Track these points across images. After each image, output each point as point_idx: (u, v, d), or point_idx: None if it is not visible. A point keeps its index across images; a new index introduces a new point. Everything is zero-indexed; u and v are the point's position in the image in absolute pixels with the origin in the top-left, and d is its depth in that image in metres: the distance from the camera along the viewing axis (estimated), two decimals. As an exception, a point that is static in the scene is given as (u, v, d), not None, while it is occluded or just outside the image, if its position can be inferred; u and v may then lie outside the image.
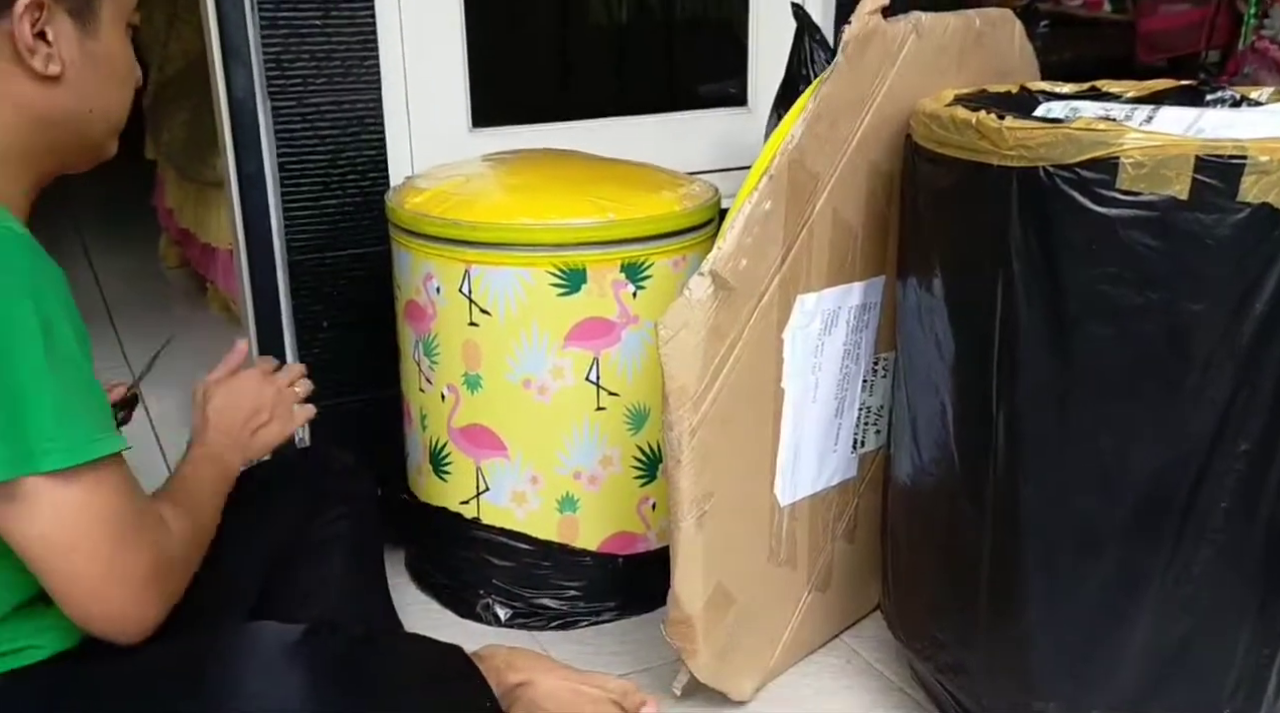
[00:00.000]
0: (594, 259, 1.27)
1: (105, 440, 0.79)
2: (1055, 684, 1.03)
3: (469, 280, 1.29)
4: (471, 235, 1.27)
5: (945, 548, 1.12)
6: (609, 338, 1.30)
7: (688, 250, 1.33)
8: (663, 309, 1.05)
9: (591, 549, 1.38)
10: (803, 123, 1.07)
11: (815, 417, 1.23)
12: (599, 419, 1.32)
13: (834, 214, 1.14)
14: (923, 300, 1.08)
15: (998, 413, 1.00)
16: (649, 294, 1.30)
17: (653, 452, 1.36)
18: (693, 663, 1.18)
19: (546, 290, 1.27)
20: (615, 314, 1.29)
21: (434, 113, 1.64)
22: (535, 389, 1.30)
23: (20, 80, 0.85)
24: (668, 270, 1.31)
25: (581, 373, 1.30)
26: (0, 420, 0.74)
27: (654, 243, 1.29)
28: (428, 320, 1.34)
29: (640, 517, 1.38)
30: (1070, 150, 0.90)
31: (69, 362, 0.77)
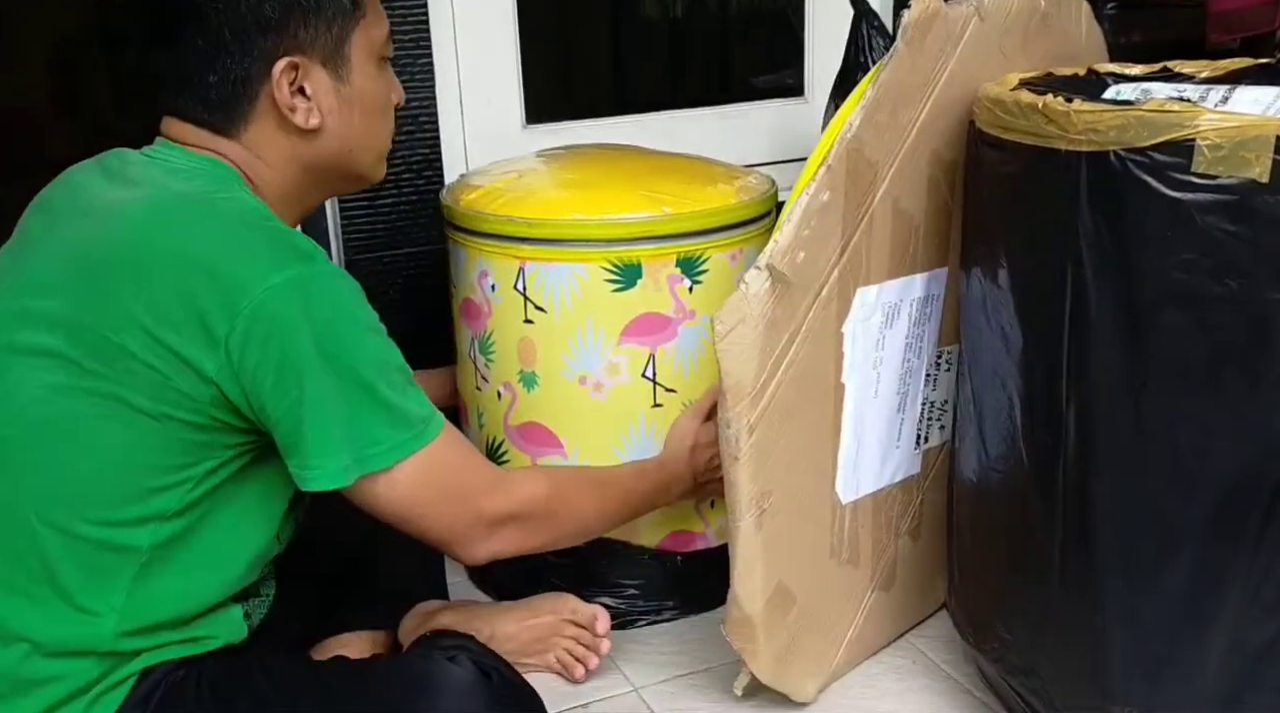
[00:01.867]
0: (649, 254, 1.25)
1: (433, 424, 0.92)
2: (1131, 688, 1.00)
3: (524, 277, 1.27)
4: (526, 232, 1.26)
5: (1014, 546, 1.09)
6: (665, 333, 1.27)
7: (745, 243, 1.30)
8: (720, 304, 1.03)
9: (650, 547, 1.36)
10: (861, 111, 1.05)
11: (877, 412, 1.20)
12: (656, 416, 1.30)
13: (894, 204, 1.12)
14: (988, 292, 1.05)
15: (1068, 407, 0.97)
16: (705, 289, 1.27)
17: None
18: (754, 664, 1.16)
19: (601, 286, 1.25)
20: (671, 309, 1.27)
21: (488, 110, 1.64)
22: (591, 386, 1.29)
23: (286, 136, 0.93)
24: (724, 264, 1.29)
25: (638, 369, 1.28)
26: (384, 419, 0.88)
27: (710, 237, 1.27)
28: (483, 318, 1.33)
29: (699, 514, 1.36)
30: (1143, 133, 0.86)
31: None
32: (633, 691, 1.25)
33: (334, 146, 0.96)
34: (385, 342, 0.90)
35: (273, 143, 0.93)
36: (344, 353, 0.85)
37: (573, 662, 1.25)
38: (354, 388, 0.85)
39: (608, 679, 1.27)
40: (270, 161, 0.94)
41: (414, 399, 0.90)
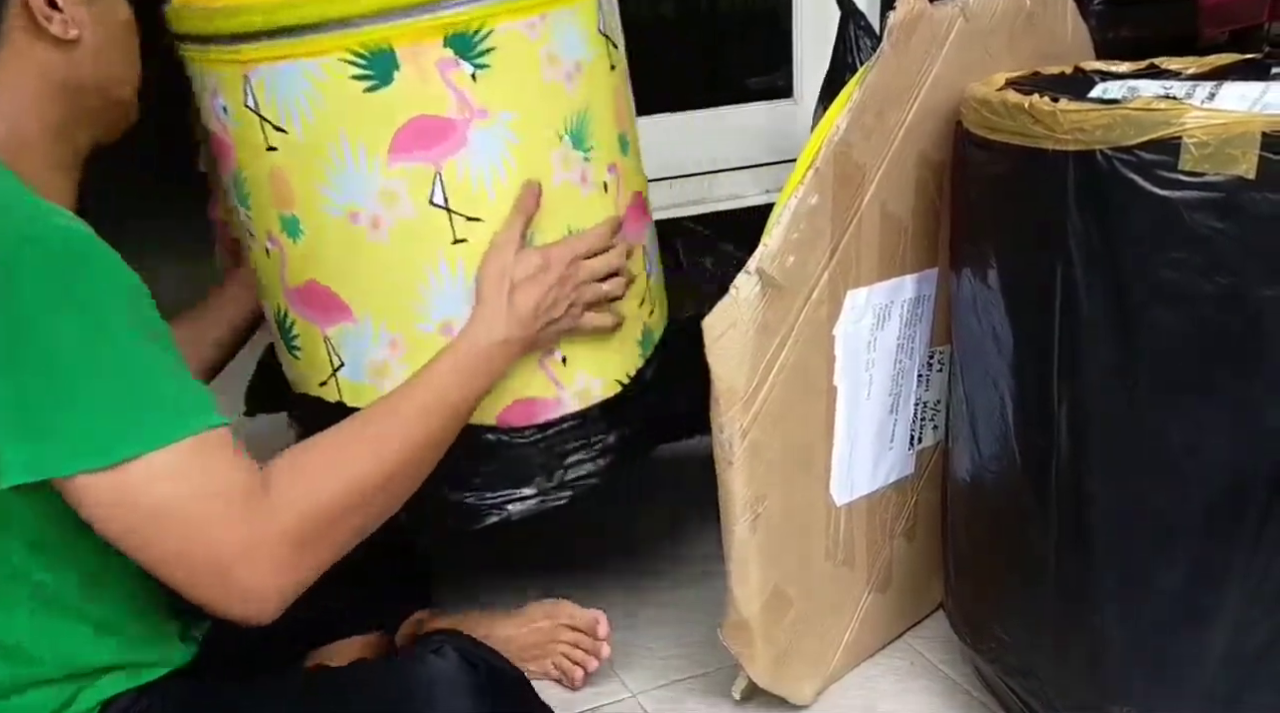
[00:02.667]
0: (401, 33, 0.92)
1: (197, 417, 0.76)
2: (1130, 687, 1.00)
3: (250, 89, 0.96)
4: (239, 24, 0.94)
5: (1009, 546, 1.09)
6: (450, 142, 0.96)
7: (550, 4, 0.97)
8: (519, 94, 0.90)
9: (487, 423, 1.07)
10: (848, 114, 1.05)
11: (870, 414, 1.20)
12: (459, 255, 1.00)
13: (883, 206, 1.11)
14: (978, 292, 1.05)
15: (1060, 406, 0.97)
16: (496, 74, 0.95)
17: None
18: (751, 668, 1.16)
19: (346, 86, 0.94)
20: (451, 108, 0.95)
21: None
22: (366, 224, 0.98)
23: (41, 48, 0.84)
24: (519, 37, 0.96)
25: (422, 195, 0.97)
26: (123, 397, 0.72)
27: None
28: (229, 154, 1.03)
29: (546, 371, 1.07)
30: (1129, 132, 0.86)
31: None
32: (631, 696, 1.25)
33: (91, 65, 0.87)
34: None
35: (26, 61, 0.84)
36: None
37: (571, 666, 1.24)
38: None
39: (605, 686, 1.26)
40: (24, 88, 0.84)
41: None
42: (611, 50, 1.08)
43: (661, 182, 1.76)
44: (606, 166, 1.07)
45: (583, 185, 1.04)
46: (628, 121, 1.13)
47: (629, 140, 1.12)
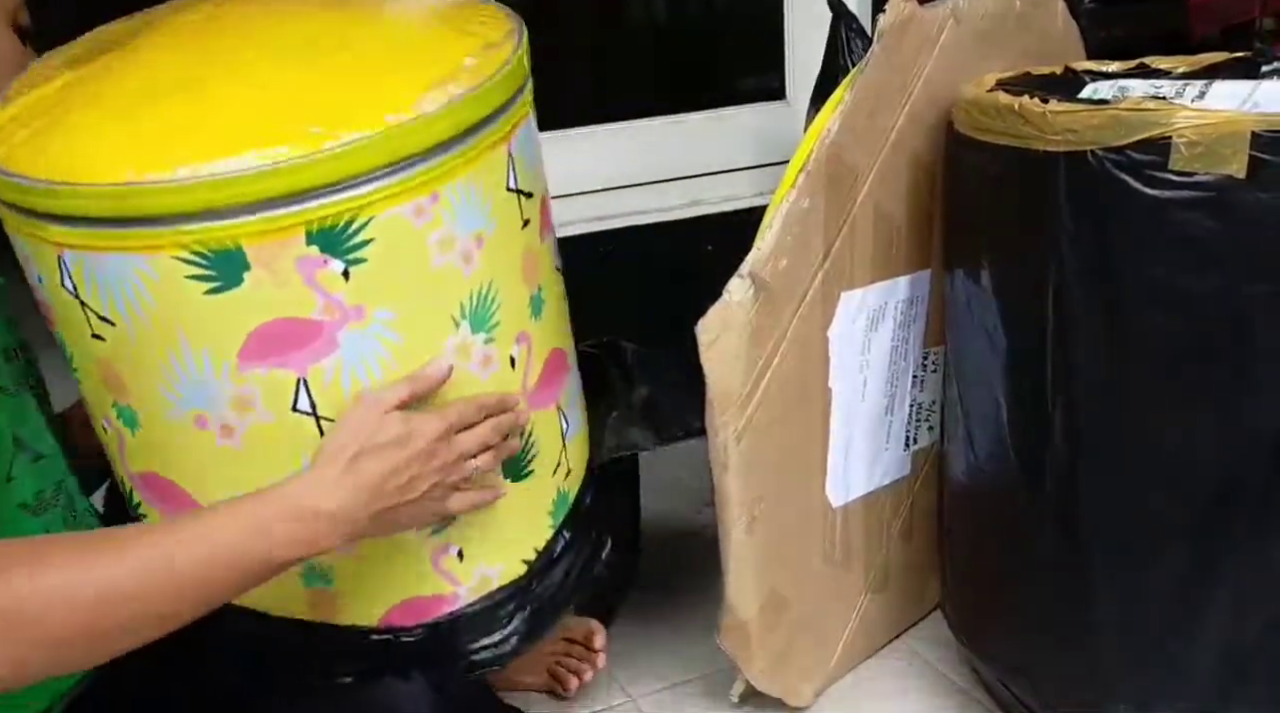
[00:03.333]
0: (251, 230, 0.73)
1: None
2: (1127, 685, 1.00)
3: (67, 272, 0.77)
4: (56, 206, 0.74)
5: (1004, 546, 1.09)
6: (315, 347, 0.79)
7: (444, 179, 0.78)
8: (402, 289, 0.77)
9: (368, 625, 0.91)
10: (840, 116, 1.05)
11: (865, 415, 1.20)
12: None
13: (875, 207, 1.12)
14: (971, 293, 1.05)
15: (1054, 406, 0.97)
16: (373, 270, 0.77)
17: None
18: (749, 670, 1.16)
19: (183, 287, 0.75)
20: (316, 310, 0.77)
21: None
22: (216, 429, 0.81)
23: None
24: (404, 226, 0.77)
25: (283, 401, 0.80)
26: None
27: (367, 185, 0.75)
28: (52, 323, 0.85)
29: (441, 574, 0.91)
30: (1119, 132, 0.86)
31: None
32: (629, 701, 1.25)
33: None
34: None
35: None
36: None
37: (565, 674, 1.23)
38: None
39: (604, 690, 1.26)
40: None
41: None
42: (524, 203, 0.87)
43: (653, 184, 1.76)
44: (515, 338, 0.88)
45: (484, 370, 0.86)
46: (543, 274, 0.93)
47: (544, 298, 0.92)
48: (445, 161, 0.78)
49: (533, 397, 0.92)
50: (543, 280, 0.93)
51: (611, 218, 1.72)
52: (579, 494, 1.03)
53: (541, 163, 0.94)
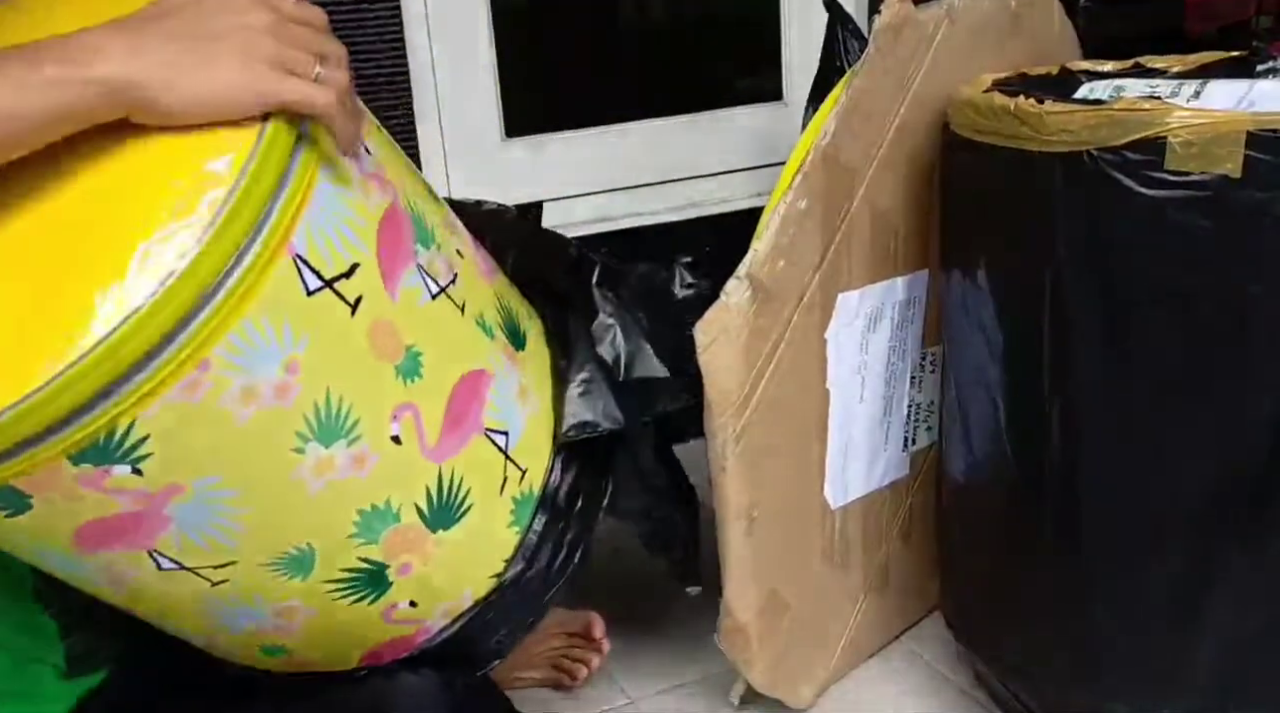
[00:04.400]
0: (17, 470, 0.64)
1: None
2: (1127, 685, 1.00)
3: None
4: None
5: (1003, 546, 1.09)
6: (148, 527, 0.71)
7: (210, 344, 0.64)
8: (213, 456, 0.68)
9: (349, 668, 0.90)
10: (836, 117, 1.05)
11: (863, 416, 1.20)
12: (228, 592, 0.78)
13: (872, 209, 1.12)
14: (968, 293, 1.05)
15: (1051, 406, 0.97)
16: (166, 456, 0.66)
17: (364, 566, 0.80)
18: (749, 672, 1.16)
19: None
20: (125, 505, 0.69)
21: (466, 123, 1.64)
22: (106, 586, 0.78)
23: None
24: (180, 409, 0.65)
25: (146, 567, 0.74)
26: None
27: (107, 400, 0.62)
28: None
29: (399, 625, 0.87)
30: (1115, 132, 0.86)
31: None
32: (630, 703, 1.25)
33: None
34: None
35: None
36: None
37: (572, 664, 1.24)
38: None
39: (604, 692, 1.27)
40: None
41: None
42: (345, 285, 0.71)
43: (651, 187, 1.76)
44: (390, 418, 0.77)
45: (360, 469, 0.76)
46: (415, 328, 0.78)
47: (419, 349, 0.78)
48: (198, 330, 0.62)
49: (441, 448, 0.82)
50: (412, 335, 0.78)
51: (609, 219, 1.72)
52: (545, 479, 0.95)
53: (365, 201, 0.74)
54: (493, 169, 1.66)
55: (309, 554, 0.78)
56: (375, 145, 0.78)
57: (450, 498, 0.84)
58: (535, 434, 0.94)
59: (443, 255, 0.83)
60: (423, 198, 0.85)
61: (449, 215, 0.91)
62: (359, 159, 0.74)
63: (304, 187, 0.67)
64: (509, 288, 0.98)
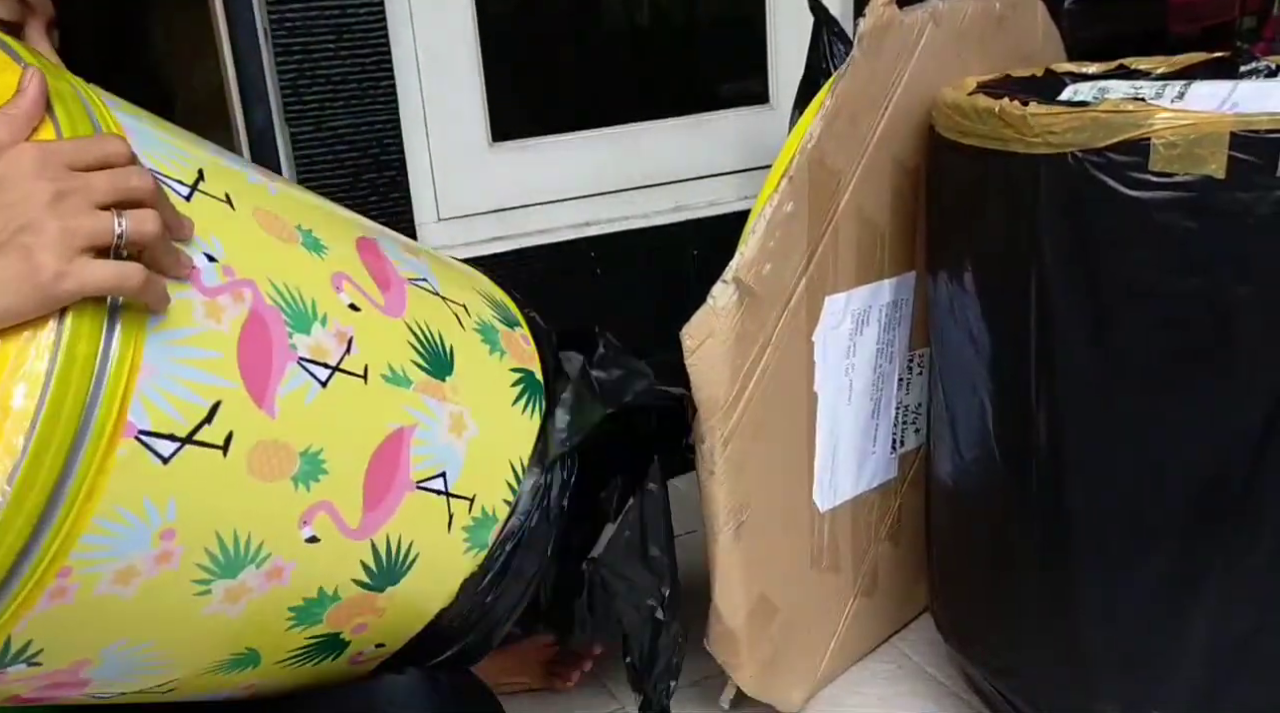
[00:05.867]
0: None
1: None
2: (1114, 685, 1.00)
3: None
4: None
5: (991, 548, 1.09)
6: (68, 689, 0.70)
7: (62, 554, 0.59)
8: (109, 630, 0.65)
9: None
10: (821, 120, 1.05)
11: (851, 419, 1.20)
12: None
13: (858, 211, 1.12)
14: (954, 295, 1.05)
15: (1038, 408, 0.97)
16: (59, 648, 0.65)
17: (315, 640, 0.78)
18: (738, 676, 1.16)
19: None
20: (35, 689, 0.68)
21: (452, 129, 1.63)
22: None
23: None
24: (56, 614, 0.62)
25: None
26: None
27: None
28: None
29: (367, 662, 0.86)
30: (1098, 134, 0.87)
31: None
32: (619, 707, 1.25)
33: None
34: None
35: None
36: None
37: (565, 669, 1.25)
38: None
39: (594, 697, 1.26)
40: None
41: None
42: (209, 432, 0.65)
43: (638, 190, 1.76)
44: (299, 525, 0.72)
45: (274, 581, 0.72)
46: (306, 431, 0.71)
47: (316, 448, 0.72)
48: (44, 549, 0.58)
49: (367, 525, 0.77)
50: (305, 439, 0.71)
51: (596, 223, 1.72)
52: (509, 491, 0.90)
53: (216, 327, 0.66)
54: (480, 175, 1.66)
55: (253, 653, 0.75)
56: (223, 229, 0.67)
57: (392, 560, 0.80)
58: (482, 456, 0.87)
59: (329, 330, 0.73)
60: (296, 263, 0.73)
61: (337, 251, 0.78)
62: (197, 279, 0.64)
63: (128, 365, 0.59)
64: (426, 301, 0.85)
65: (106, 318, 0.58)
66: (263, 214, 0.73)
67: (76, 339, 0.56)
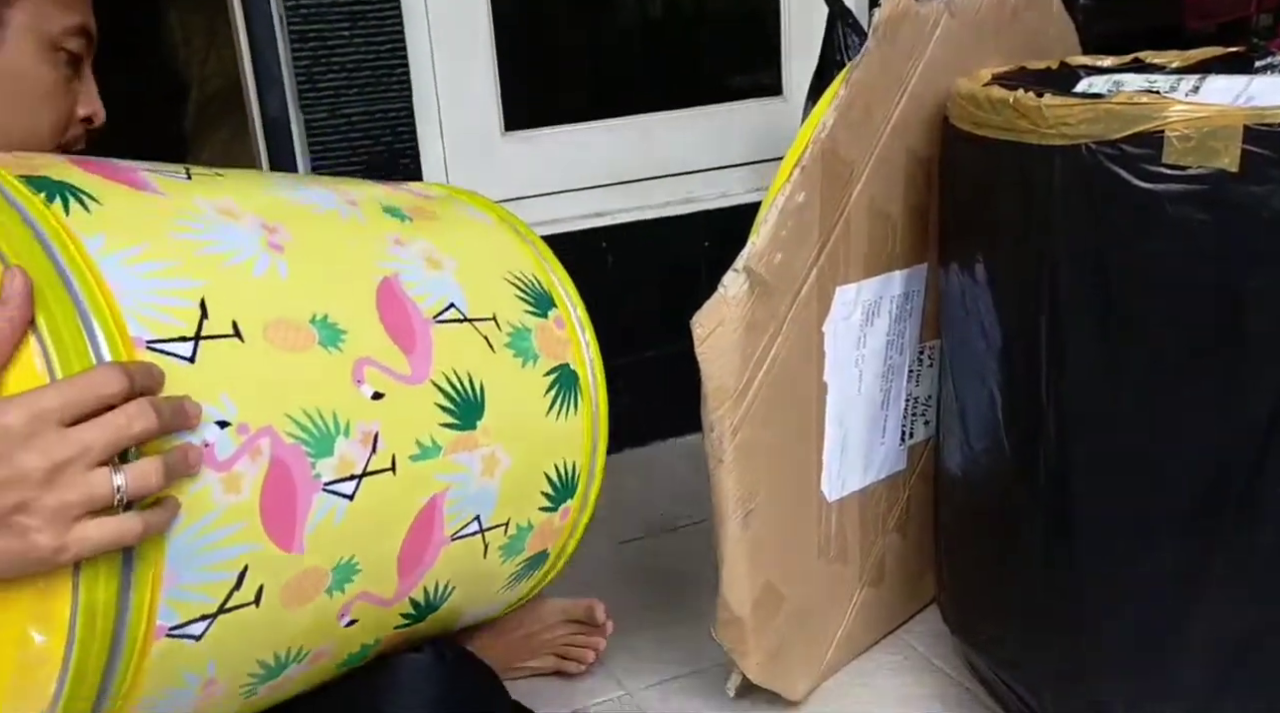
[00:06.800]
0: None
1: None
2: (1118, 680, 1.00)
3: None
4: None
5: (998, 540, 1.09)
6: None
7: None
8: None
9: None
10: (834, 111, 1.05)
11: (860, 410, 1.20)
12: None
13: (871, 202, 1.12)
14: (966, 287, 1.05)
15: (1048, 400, 0.97)
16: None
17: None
18: (744, 664, 1.16)
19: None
20: None
21: (466, 118, 1.64)
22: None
23: None
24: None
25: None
26: None
27: None
28: None
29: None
30: (1113, 126, 0.87)
31: None
32: (625, 694, 1.25)
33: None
34: None
35: None
36: None
37: (579, 651, 1.26)
38: None
39: (599, 683, 1.27)
40: None
41: None
42: (240, 596, 0.65)
43: (650, 181, 1.76)
44: (337, 619, 0.74)
45: (316, 663, 0.76)
46: (336, 550, 0.71)
47: (347, 560, 0.72)
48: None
49: (403, 589, 0.78)
50: (334, 557, 0.71)
51: (607, 214, 1.72)
52: (545, 511, 0.92)
53: (236, 501, 0.63)
54: (492, 165, 1.66)
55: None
56: (233, 376, 0.63)
57: (430, 600, 0.82)
58: (515, 484, 0.86)
59: (353, 438, 0.70)
60: (314, 376, 0.69)
61: (355, 329, 0.72)
62: (210, 457, 0.61)
63: (149, 583, 0.58)
64: (452, 338, 0.81)
65: (121, 566, 0.56)
66: (274, 328, 0.67)
67: (93, 583, 0.55)
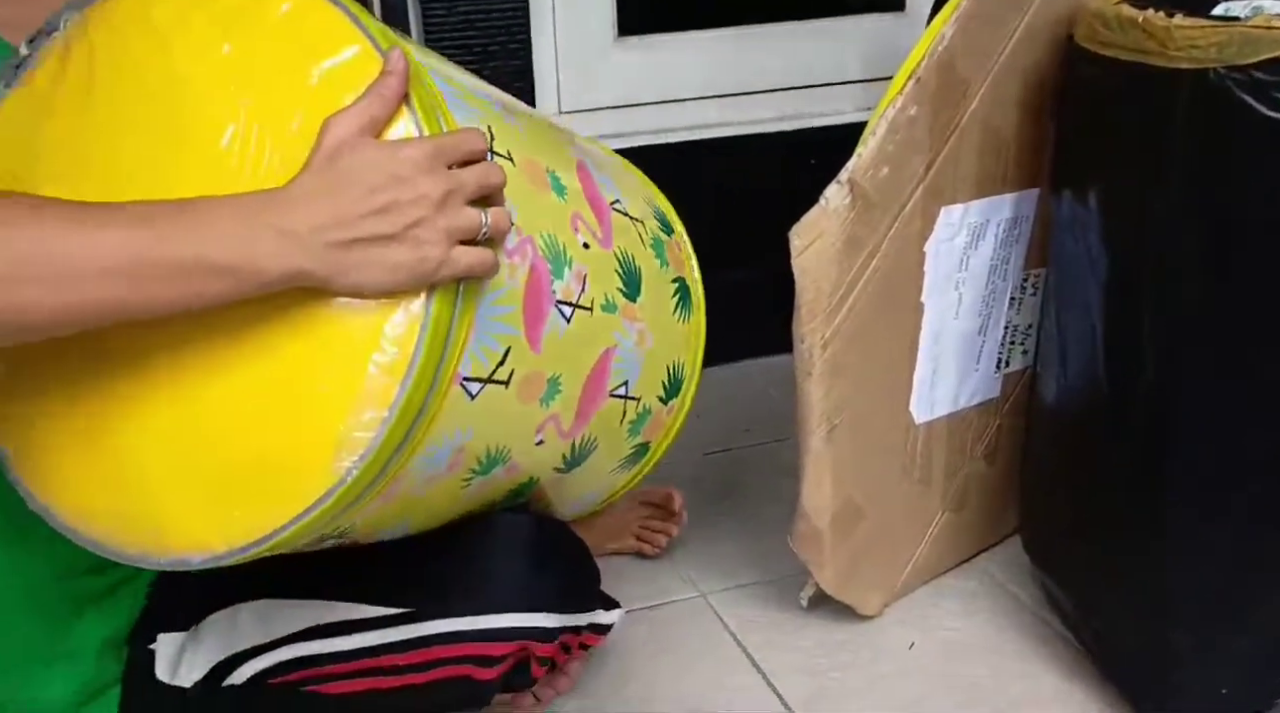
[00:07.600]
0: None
1: None
2: (1194, 620, 0.99)
3: None
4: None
5: (1088, 476, 1.08)
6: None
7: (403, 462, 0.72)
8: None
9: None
10: (955, 23, 1.02)
11: (957, 333, 1.19)
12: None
13: (984, 122, 1.09)
14: (1077, 214, 1.03)
15: (1150, 337, 0.95)
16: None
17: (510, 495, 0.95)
18: (820, 575, 1.18)
19: None
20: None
21: (580, 19, 1.63)
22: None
23: None
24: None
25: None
26: None
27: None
28: None
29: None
30: (1245, 50, 0.83)
31: None
32: (699, 595, 1.29)
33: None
34: None
35: None
36: None
37: (652, 534, 1.33)
38: None
39: (674, 583, 1.30)
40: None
41: None
42: (501, 372, 0.77)
43: (756, 95, 1.74)
44: (534, 436, 0.87)
45: (508, 474, 0.88)
46: (555, 361, 0.84)
47: (557, 375, 0.85)
48: (393, 468, 0.69)
49: (573, 431, 0.92)
50: (552, 368, 0.84)
51: (716, 126, 1.71)
52: (660, 400, 1.04)
53: (511, 285, 0.76)
54: (604, 69, 1.66)
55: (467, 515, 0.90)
56: (511, 190, 0.73)
57: (578, 453, 0.96)
58: (652, 364, 1.00)
59: (573, 271, 0.85)
60: (552, 212, 0.84)
61: (571, 188, 0.88)
62: (504, 245, 0.74)
63: (466, 328, 0.70)
64: (623, 226, 0.96)
65: (457, 292, 0.68)
66: (526, 165, 0.82)
67: (440, 311, 0.66)
